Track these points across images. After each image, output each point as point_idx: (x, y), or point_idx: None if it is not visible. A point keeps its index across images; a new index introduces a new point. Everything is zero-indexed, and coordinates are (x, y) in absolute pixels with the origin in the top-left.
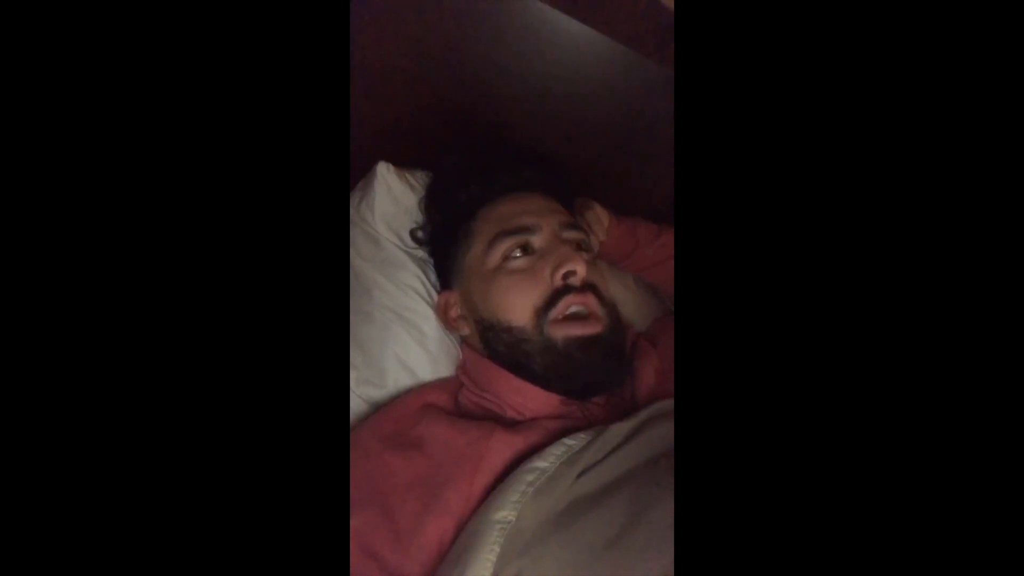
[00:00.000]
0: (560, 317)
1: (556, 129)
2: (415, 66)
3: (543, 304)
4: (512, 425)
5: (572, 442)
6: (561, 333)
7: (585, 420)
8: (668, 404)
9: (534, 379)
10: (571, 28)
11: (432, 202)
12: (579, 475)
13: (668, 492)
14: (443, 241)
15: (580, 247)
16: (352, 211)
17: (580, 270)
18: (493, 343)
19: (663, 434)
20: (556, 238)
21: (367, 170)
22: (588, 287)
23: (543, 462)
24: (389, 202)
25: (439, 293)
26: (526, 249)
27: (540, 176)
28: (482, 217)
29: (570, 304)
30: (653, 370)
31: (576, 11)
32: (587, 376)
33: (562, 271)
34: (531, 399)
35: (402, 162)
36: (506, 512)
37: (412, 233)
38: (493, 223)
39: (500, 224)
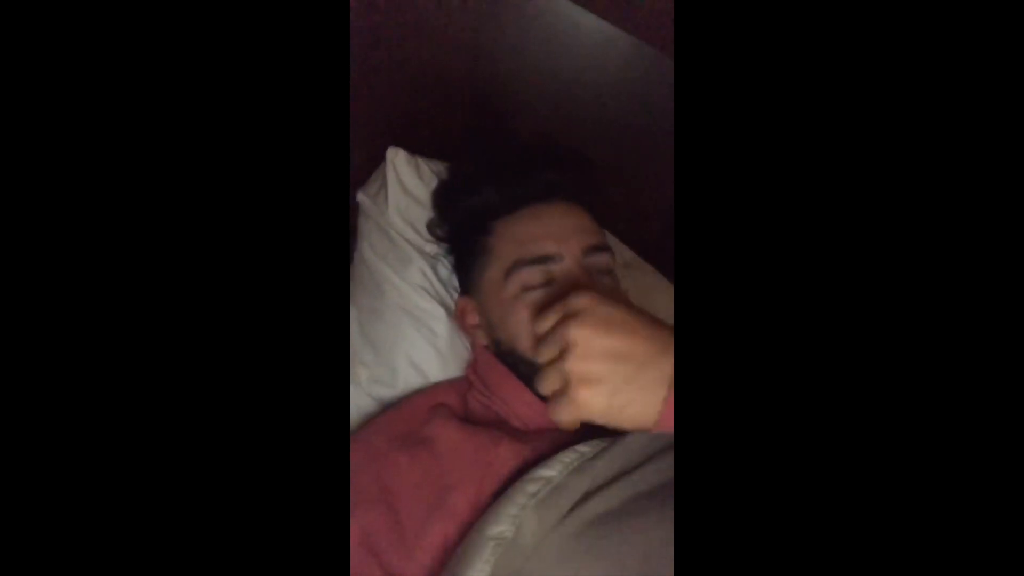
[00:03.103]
0: None
1: (574, 125)
2: (434, 56)
3: None
4: (519, 434)
5: (585, 449)
6: None
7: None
8: None
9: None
10: (589, 23)
11: (447, 201)
12: (596, 489)
13: None
14: (460, 247)
15: (606, 271)
16: (368, 202)
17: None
18: (505, 358)
19: None
20: (579, 268)
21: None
22: None
23: (549, 471)
24: (401, 192)
25: (457, 294)
26: (547, 280)
27: (563, 181)
28: (499, 234)
29: None
30: None
31: (594, 5)
32: None
33: None
34: (537, 412)
35: (421, 151)
36: (503, 527)
37: (429, 227)
38: (512, 245)
39: (518, 249)
